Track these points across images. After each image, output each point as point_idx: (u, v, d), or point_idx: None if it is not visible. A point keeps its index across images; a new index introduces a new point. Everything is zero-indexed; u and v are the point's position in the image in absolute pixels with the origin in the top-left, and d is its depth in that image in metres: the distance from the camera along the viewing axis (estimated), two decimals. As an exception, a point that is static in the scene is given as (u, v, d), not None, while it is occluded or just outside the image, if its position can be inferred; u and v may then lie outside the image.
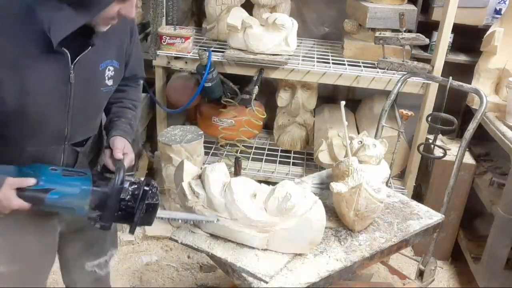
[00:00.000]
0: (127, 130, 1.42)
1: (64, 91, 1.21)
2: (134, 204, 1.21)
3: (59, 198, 1.19)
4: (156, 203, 1.25)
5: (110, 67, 1.30)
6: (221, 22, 2.74)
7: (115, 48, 1.31)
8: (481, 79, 2.48)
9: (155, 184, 1.26)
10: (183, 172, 1.54)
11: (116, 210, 1.20)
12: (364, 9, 2.55)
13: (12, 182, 1.15)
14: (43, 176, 1.19)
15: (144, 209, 1.22)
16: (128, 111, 1.48)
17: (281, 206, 1.41)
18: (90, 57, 1.21)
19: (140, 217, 1.23)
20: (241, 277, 1.40)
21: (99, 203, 1.20)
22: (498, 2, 2.75)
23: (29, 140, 1.23)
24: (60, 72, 1.18)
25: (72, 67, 1.19)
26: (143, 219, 1.24)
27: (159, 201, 1.26)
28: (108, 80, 1.31)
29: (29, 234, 1.34)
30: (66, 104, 1.23)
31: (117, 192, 1.18)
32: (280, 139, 2.99)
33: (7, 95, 1.12)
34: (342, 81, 2.51)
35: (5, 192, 1.14)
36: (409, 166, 2.62)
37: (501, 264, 2.15)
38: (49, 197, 1.18)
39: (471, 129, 1.95)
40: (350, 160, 1.65)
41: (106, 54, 1.28)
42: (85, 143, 1.37)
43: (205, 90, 2.53)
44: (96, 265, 1.59)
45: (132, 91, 1.53)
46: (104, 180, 1.24)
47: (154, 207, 1.25)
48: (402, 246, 1.70)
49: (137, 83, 1.56)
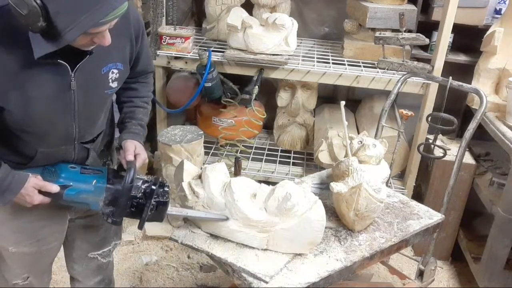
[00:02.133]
0: (137, 131, 1.50)
1: (67, 98, 1.25)
2: (144, 201, 1.28)
3: (76, 194, 1.29)
4: (166, 201, 1.32)
5: (114, 70, 1.33)
6: (221, 22, 2.75)
7: (117, 50, 1.33)
8: (481, 79, 2.48)
9: (166, 182, 1.34)
10: (183, 172, 1.54)
11: (128, 207, 1.27)
12: (364, 9, 2.55)
13: (36, 183, 1.26)
14: (63, 174, 1.31)
15: (154, 206, 1.29)
16: (139, 110, 1.55)
17: (281, 206, 1.41)
18: (91, 63, 1.24)
19: (149, 213, 1.29)
20: (241, 277, 1.40)
21: (112, 200, 1.28)
22: (498, 2, 2.75)
23: (40, 142, 1.30)
24: (60, 81, 1.22)
25: (72, 75, 1.22)
26: (154, 216, 1.31)
27: (169, 199, 1.33)
28: (112, 82, 1.34)
29: (41, 220, 1.42)
30: (71, 109, 1.28)
31: (128, 190, 1.26)
32: (280, 139, 3.00)
33: (12, 106, 1.18)
34: (342, 81, 2.51)
35: (28, 189, 1.25)
36: (409, 166, 2.62)
37: (501, 264, 2.15)
38: (67, 193, 1.29)
39: (471, 129, 1.94)
40: (350, 160, 1.65)
41: (108, 58, 1.30)
42: (95, 139, 1.44)
43: (205, 90, 2.53)
44: (100, 254, 1.66)
45: (143, 87, 1.58)
46: (119, 178, 1.32)
47: (164, 204, 1.32)
48: (402, 246, 1.70)
49: (148, 77, 1.61)
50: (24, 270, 1.49)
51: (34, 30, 1.05)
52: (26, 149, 1.30)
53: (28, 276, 1.50)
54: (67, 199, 1.29)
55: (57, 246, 1.53)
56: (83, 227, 1.58)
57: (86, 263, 1.66)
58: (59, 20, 1.04)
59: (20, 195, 1.25)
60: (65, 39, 1.06)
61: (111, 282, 1.80)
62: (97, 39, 1.14)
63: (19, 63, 1.14)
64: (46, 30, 1.05)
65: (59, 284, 2.27)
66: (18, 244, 1.43)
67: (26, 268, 1.49)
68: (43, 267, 1.55)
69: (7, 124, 1.23)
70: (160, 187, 1.30)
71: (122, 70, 1.36)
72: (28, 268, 1.50)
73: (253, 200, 1.47)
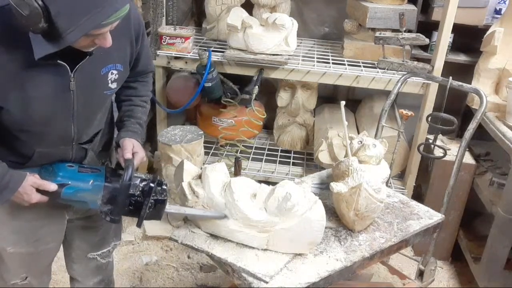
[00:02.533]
0: (135, 130, 1.49)
1: (66, 99, 1.25)
2: (143, 199, 1.28)
3: (74, 193, 1.29)
4: (164, 199, 1.31)
5: (114, 71, 1.33)
6: (221, 22, 2.75)
7: (117, 52, 1.32)
8: (481, 79, 2.48)
9: (164, 181, 1.33)
10: (183, 172, 1.54)
11: (126, 205, 1.27)
12: (364, 9, 2.55)
13: (33, 181, 1.26)
14: (60, 172, 1.31)
15: (152, 205, 1.29)
16: (137, 109, 1.54)
17: (281, 206, 1.41)
18: (90, 64, 1.24)
19: (147, 211, 1.29)
20: (241, 277, 1.40)
21: (110, 198, 1.28)
22: (498, 2, 2.75)
23: (38, 142, 1.30)
24: (60, 81, 1.22)
25: (72, 76, 1.22)
26: (152, 214, 1.30)
27: (167, 197, 1.32)
28: (111, 83, 1.34)
29: (39, 220, 1.42)
30: (70, 109, 1.28)
31: (126, 187, 1.26)
32: (280, 139, 3.00)
33: (12, 106, 1.18)
34: (342, 81, 2.52)
35: (26, 187, 1.25)
36: (409, 166, 2.62)
37: (501, 264, 2.15)
38: (64, 191, 1.28)
39: (471, 129, 1.94)
40: (350, 160, 1.65)
41: (107, 59, 1.30)
42: (93, 139, 1.44)
43: (205, 90, 2.53)
44: (99, 254, 1.65)
45: (142, 87, 1.58)
46: (117, 177, 1.31)
47: (162, 202, 1.31)
48: (402, 246, 1.70)
49: (147, 77, 1.61)
50: (22, 270, 1.49)
51: (35, 31, 1.05)
52: (24, 149, 1.30)
53: (27, 276, 1.50)
54: (65, 197, 1.29)
55: (56, 246, 1.53)
56: (82, 227, 1.58)
57: (86, 263, 1.65)
58: (60, 21, 1.03)
59: (18, 193, 1.25)
60: (66, 40, 1.06)
61: (111, 282, 1.80)
62: (98, 41, 1.14)
63: (19, 63, 1.14)
64: (47, 31, 1.05)
65: (59, 284, 2.27)
66: (16, 245, 1.42)
67: (25, 268, 1.49)
68: (42, 267, 1.55)
69: (6, 123, 1.23)
70: (158, 185, 1.30)
71: (122, 71, 1.36)
72: (27, 268, 1.49)
73: (253, 200, 1.47)
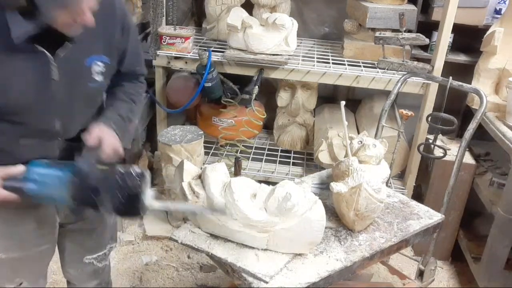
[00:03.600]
0: (112, 117, 1.36)
1: (47, 87, 1.21)
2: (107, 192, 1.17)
3: (39, 188, 1.20)
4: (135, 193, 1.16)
5: (99, 62, 1.29)
6: (221, 22, 2.75)
7: (103, 43, 1.30)
8: (481, 79, 2.48)
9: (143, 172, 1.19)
10: (183, 172, 1.54)
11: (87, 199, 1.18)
12: (364, 9, 2.55)
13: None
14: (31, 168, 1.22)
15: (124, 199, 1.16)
16: (121, 103, 1.44)
17: (281, 206, 1.41)
18: (74, 53, 1.22)
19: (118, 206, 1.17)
20: (241, 277, 1.40)
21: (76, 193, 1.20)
22: (498, 2, 2.75)
23: (20, 133, 1.25)
24: (40, 69, 1.19)
25: (54, 64, 1.19)
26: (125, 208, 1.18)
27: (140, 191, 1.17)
28: (96, 75, 1.30)
29: (27, 224, 1.38)
30: (50, 99, 1.23)
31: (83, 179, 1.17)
32: (280, 139, 2.99)
33: None
34: (342, 81, 2.51)
35: None
36: (409, 166, 2.62)
37: (501, 264, 2.15)
38: (28, 187, 1.20)
39: (471, 129, 1.94)
40: (350, 160, 1.65)
41: (92, 49, 1.28)
42: None
43: (205, 90, 2.53)
44: (95, 258, 1.61)
45: (130, 85, 1.50)
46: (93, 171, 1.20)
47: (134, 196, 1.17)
48: (402, 246, 1.70)
49: (137, 79, 1.53)
50: (16, 275, 1.44)
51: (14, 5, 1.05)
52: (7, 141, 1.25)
53: (21, 282, 1.45)
54: (30, 193, 1.21)
55: (50, 249, 1.48)
56: (75, 231, 1.53)
57: (82, 267, 1.61)
58: None
59: None
60: (44, 15, 1.06)
61: (108, 284, 1.77)
62: (80, 18, 1.12)
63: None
64: (25, 7, 1.05)
65: (59, 284, 2.27)
66: (8, 250, 1.38)
67: (19, 273, 1.44)
68: (38, 270, 1.50)
69: None
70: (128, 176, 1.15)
71: (109, 64, 1.32)
72: (21, 273, 1.44)
73: (253, 200, 1.47)
